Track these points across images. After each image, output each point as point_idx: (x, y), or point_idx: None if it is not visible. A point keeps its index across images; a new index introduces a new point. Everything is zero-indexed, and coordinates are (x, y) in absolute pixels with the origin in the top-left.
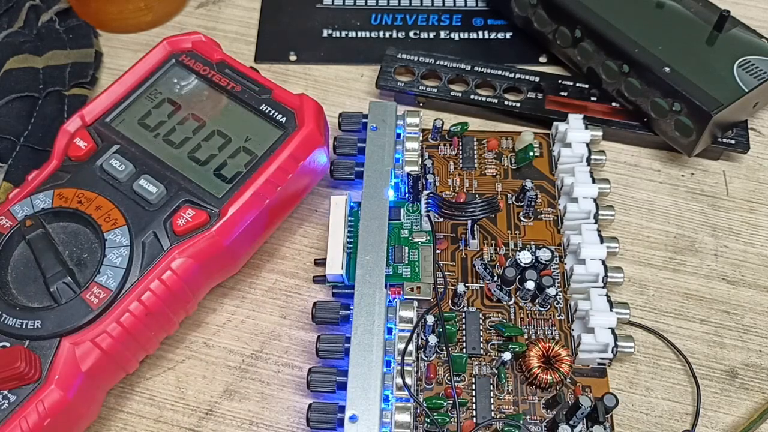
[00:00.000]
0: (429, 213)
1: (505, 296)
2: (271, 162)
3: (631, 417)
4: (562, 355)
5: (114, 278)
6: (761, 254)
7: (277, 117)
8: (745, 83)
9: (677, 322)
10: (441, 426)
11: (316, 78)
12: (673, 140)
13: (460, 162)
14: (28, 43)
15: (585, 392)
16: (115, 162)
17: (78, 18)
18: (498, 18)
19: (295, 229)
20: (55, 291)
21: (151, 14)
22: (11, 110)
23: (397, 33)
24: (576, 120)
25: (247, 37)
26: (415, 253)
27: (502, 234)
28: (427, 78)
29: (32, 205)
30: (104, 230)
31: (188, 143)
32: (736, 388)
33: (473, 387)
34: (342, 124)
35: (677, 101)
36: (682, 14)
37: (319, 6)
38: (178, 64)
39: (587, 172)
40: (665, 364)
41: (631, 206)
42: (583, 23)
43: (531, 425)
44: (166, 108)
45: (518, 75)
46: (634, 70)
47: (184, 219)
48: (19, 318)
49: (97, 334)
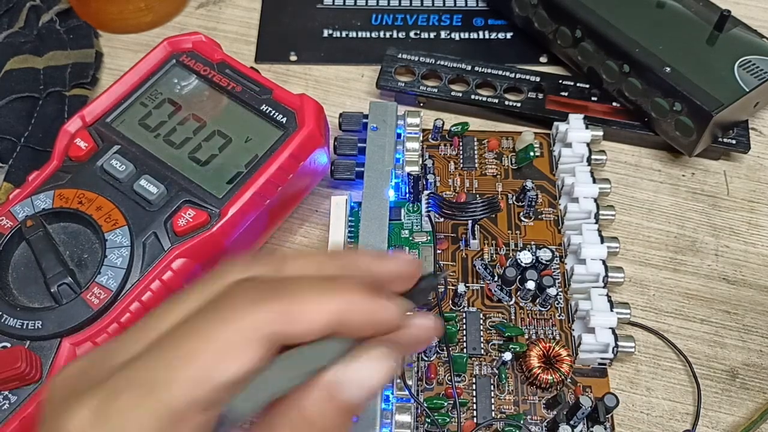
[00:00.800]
0: (429, 213)
1: (506, 296)
2: (271, 162)
3: (632, 417)
4: (562, 355)
5: (114, 278)
6: (762, 254)
7: (278, 117)
8: (745, 83)
9: (678, 322)
10: (441, 426)
11: (316, 78)
12: (673, 140)
13: (461, 162)
14: (28, 44)
15: (585, 392)
16: (116, 162)
17: (78, 18)
18: (498, 18)
19: (296, 229)
20: (55, 291)
21: (152, 14)
22: (12, 111)
23: (398, 33)
24: (576, 120)
25: (248, 38)
26: (416, 253)
27: (503, 234)
28: (428, 78)
29: (33, 205)
30: (105, 230)
31: (189, 143)
32: (736, 387)
33: (474, 387)
34: (342, 124)
35: (678, 101)
36: (683, 14)
37: (320, 6)
38: (179, 64)
39: (588, 172)
40: (666, 364)
41: (631, 206)
42: (584, 23)
43: (531, 425)
44: (167, 108)
45: (519, 75)
46: (634, 70)
47: (185, 219)
48: (20, 318)
49: (97, 334)
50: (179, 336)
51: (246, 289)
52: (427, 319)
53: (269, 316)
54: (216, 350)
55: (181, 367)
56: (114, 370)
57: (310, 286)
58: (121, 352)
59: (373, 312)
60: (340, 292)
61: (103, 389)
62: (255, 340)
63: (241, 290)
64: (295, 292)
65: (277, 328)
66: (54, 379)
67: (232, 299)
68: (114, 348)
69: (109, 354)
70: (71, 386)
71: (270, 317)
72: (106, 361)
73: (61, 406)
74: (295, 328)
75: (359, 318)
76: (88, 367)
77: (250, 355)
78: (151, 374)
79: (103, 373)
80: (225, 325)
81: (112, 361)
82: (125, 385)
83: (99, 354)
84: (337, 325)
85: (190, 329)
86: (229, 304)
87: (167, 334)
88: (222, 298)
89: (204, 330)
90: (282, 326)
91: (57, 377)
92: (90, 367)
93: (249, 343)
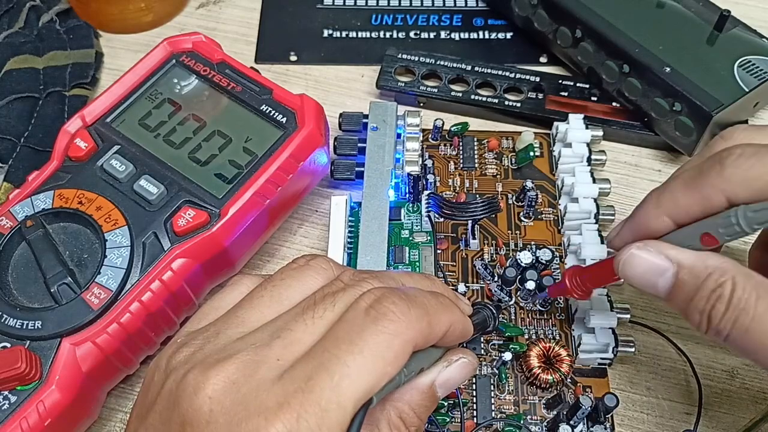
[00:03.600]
0: (429, 213)
1: (506, 296)
2: (271, 162)
3: (632, 417)
4: (562, 355)
5: (114, 278)
6: None
7: (278, 117)
8: (745, 83)
9: (678, 322)
10: (441, 426)
11: (316, 78)
12: (673, 140)
13: (461, 162)
14: (28, 44)
15: (585, 392)
16: (116, 162)
17: (78, 18)
18: (498, 18)
19: (296, 229)
20: (55, 291)
21: (152, 15)
22: (12, 111)
23: (398, 33)
24: (576, 120)
25: (248, 38)
26: (416, 253)
27: (503, 234)
28: (428, 78)
29: (33, 205)
30: (105, 231)
31: (189, 143)
32: (736, 387)
33: (474, 387)
34: (342, 124)
35: (678, 101)
36: (683, 14)
37: (320, 6)
38: (179, 64)
39: (588, 172)
40: (666, 363)
41: (631, 206)
42: (584, 23)
43: (531, 425)
44: (167, 108)
45: (518, 75)
46: (634, 70)
47: (185, 219)
48: (20, 318)
49: (97, 334)
50: (345, 342)
51: (395, 302)
52: None
53: (419, 328)
54: (381, 355)
55: (360, 366)
56: (281, 385)
57: (438, 303)
58: (273, 364)
59: (467, 327)
60: (453, 308)
61: (289, 406)
62: (409, 347)
63: (391, 303)
64: (432, 308)
65: (420, 341)
66: (200, 405)
67: (387, 309)
68: (261, 361)
69: (261, 368)
70: (235, 407)
71: (419, 330)
72: (261, 374)
73: (244, 426)
74: (429, 339)
75: (459, 330)
76: (239, 385)
77: (403, 360)
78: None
79: (268, 391)
80: (387, 336)
81: (270, 373)
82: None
83: (245, 369)
84: (445, 335)
85: (354, 338)
86: (389, 314)
87: (332, 335)
88: (377, 308)
89: (372, 338)
90: (424, 338)
91: (202, 404)
92: (243, 384)
93: (406, 350)
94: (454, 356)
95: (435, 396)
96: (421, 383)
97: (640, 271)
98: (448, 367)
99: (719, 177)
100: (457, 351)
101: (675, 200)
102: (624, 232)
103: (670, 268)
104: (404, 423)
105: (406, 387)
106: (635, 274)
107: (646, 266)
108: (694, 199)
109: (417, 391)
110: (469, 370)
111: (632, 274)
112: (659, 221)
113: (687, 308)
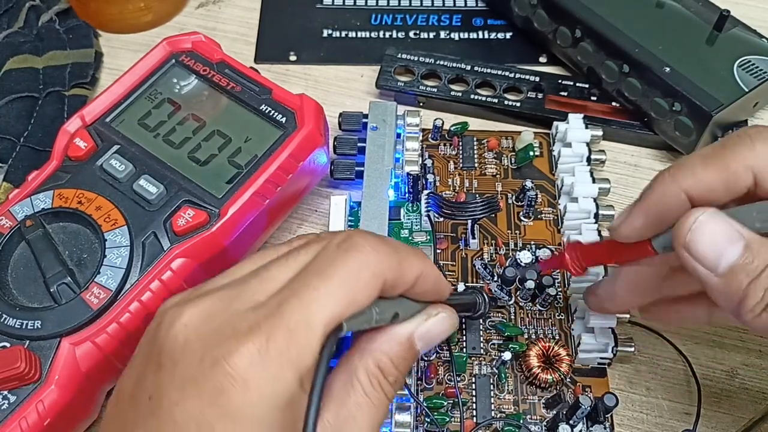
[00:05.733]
0: (429, 213)
1: (506, 296)
2: (271, 162)
3: (632, 417)
4: (562, 354)
5: (114, 278)
6: None
7: (277, 117)
8: (745, 83)
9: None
10: (441, 426)
11: (316, 78)
12: (673, 140)
13: (460, 162)
14: (28, 44)
15: (585, 392)
16: (115, 162)
17: (78, 18)
18: (498, 18)
19: (295, 229)
20: (55, 291)
21: (151, 14)
22: (11, 110)
23: (397, 33)
24: (576, 120)
25: (247, 38)
26: None
27: (503, 234)
28: (427, 78)
29: (32, 205)
30: (104, 230)
31: (188, 143)
32: (736, 388)
33: (473, 387)
34: (342, 124)
35: (677, 101)
36: (682, 14)
37: (319, 6)
38: (178, 64)
39: (587, 171)
40: (665, 363)
41: None
42: (583, 23)
43: (531, 425)
44: (166, 108)
45: (518, 75)
46: (634, 70)
47: (184, 219)
48: (19, 318)
49: (96, 334)
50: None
51: (366, 237)
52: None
53: (389, 263)
54: (349, 282)
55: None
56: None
57: (410, 248)
58: (248, 298)
59: (440, 280)
60: (425, 258)
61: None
62: (378, 281)
63: (362, 237)
64: (403, 251)
65: (390, 276)
66: (175, 335)
67: (357, 242)
68: (236, 295)
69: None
70: (209, 334)
71: (388, 265)
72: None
73: (217, 350)
74: (399, 280)
75: (431, 282)
76: (214, 316)
77: (372, 290)
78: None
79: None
80: (356, 264)
81: (244, 305)
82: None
83: (220, 303)
84: (417, 283)
85: (325, 267)
86: (359, 246)
87: (305, 269)
88: (348, 241)
89: (341, 265)
90: (393, 276)
91: (177, 332)
92: (218, 315)
93: (375, 282)
94: (434, 310)
95: (414, 348)
96: (399, 333)
97: (710, 238)
98: (427, 320)
99: (750, 151)
100: (438, 306)
101: (695, 174)
102: (633, 218)
103: (742, 238)
104: (382, 372)
105: (384, 336)
106: (703, 242)
107: (719, 232)
108: (716, 173)
109: (395, 342)
110: (447, 326)
111: (701, 241)
112: (676, 199)
113: (750, 284)
